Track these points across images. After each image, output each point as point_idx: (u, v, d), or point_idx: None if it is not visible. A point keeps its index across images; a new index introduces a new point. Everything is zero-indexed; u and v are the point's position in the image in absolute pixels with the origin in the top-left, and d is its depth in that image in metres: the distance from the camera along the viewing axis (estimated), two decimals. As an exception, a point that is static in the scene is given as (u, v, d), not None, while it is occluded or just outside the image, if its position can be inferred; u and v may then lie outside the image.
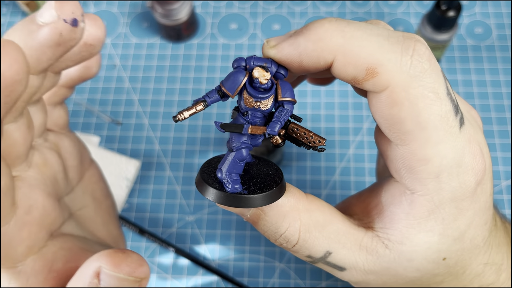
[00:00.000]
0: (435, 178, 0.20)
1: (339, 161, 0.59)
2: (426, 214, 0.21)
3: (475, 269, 0.23)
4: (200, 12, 0.70)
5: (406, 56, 0.19)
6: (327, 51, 0.19)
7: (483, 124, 0.60)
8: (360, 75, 0.19)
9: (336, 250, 0.23)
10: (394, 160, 0.21)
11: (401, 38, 0.19)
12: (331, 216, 0.23)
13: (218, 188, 0.21)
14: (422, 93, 0.19)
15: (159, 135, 0.62)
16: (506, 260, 0.25)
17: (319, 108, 0.62)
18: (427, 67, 0.19)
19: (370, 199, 0.25)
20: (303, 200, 0.23)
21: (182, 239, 0.56)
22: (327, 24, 0.20)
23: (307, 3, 0.70)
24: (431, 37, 0.57)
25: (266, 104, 0.21)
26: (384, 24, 0.22)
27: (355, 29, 0.19)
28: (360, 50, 0.19)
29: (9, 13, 0.72)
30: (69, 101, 0.65)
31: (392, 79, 0.19)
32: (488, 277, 0.24)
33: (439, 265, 0.22)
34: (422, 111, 0.19)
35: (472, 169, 0.21)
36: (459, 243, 0.22)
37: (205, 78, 0.65)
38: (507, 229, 0.27)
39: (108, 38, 0.70)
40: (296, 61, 0.20)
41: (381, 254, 0.22)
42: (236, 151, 0.21)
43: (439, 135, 0.20)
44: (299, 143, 0.22)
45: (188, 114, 0.20)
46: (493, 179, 0.56)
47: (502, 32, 0.66)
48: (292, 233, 0.22)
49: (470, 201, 0.21)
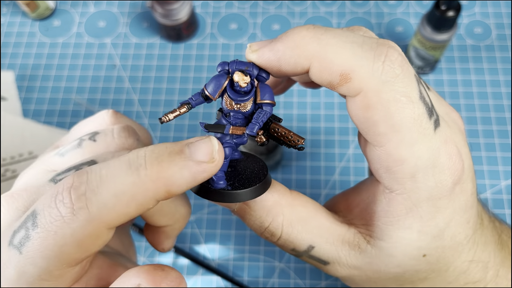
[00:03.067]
0: (411, 178, 0.21)
1: (339, 160, 0.59)
2: (404, 212, 0.22)
3: (460, 266, 0.24)
4: (200, 12, 0.70)
5: (378, 62, 0.20)
6: (304, 58, 0.20)
7: (483, 124, 0.60)
8: (335, 81, 0.20)
9: (318, 244, 0.24)
10: (373, 160, 0.22)
11: (375, 45, 0.20)
12: (314, 212, 0.24)
13: (205, 184, 0.22)
14: (394, 97, 0.20)
15: (159, 135, 0.62)
16: (493, 258, 0.25)
17: (319, 108, 0.62)
18: (398, 73, 0.20)
19: (353, 197, 0.26)
20: (287, 196, 0.24)
21: (182, 239, 0.56)
22: (305, 31, 0.21)
23: (307, 3, 0.70)
24: (430, 37, 0.57)
25: (246, 106, 0.22)
26: (365, 31, 0.23)
27: (330, 36, 0.20)
28: (334, 57, 0.20)
29: (9, 13, 0.72)
30: (69, 101, 0.65)
31: (365, 85, 0.20)
32: (475, 275, 0.25)
33: (419, 262, 0.23)
34: (395, 114, 0.20)
35: (449, 169, 0.21)
36: (439, 241, 0.23)
37: (204, 78, 0.65)
38: (495, 228, 0.27)
39: (108, 38, 0.70)
40: (276, 66, 0.21)
41: (363, 249, 0.23)
42: None
43: (412, 136, 0.20)
44: (281, 142, 0.23)
45: (172, 116, 0.22)
46: (493, 179, 0.56)
47: (502, 32, 0.66)
48: (276, 227, 0.23)
49: (448, 200, 0.22)
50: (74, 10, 0.72)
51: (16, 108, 0.65)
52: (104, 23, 0.71)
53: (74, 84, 0.66)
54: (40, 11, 0.70)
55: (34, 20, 0.72)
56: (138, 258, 0.55)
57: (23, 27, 0.71)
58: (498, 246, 0.26)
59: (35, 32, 0.71)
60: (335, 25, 0.69)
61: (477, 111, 0.61)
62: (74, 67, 0.67)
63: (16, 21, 0.72)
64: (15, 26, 0.71)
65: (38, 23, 0.71)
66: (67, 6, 0.73)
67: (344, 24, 0.68)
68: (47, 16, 0.71)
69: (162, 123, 0.22)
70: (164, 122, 0.22)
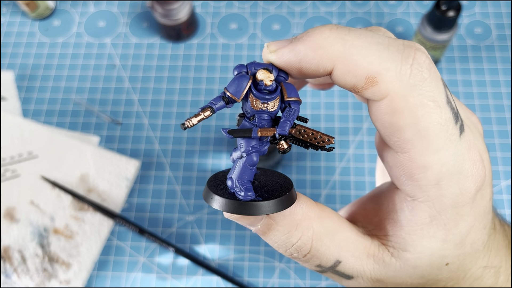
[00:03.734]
0: (435, 185, 0.20)
1: (339, 161, 0.59)
2: (428, 220, 0.21)
3: (475, 272, 0.24)
4: (200, 12, 0.70)
5: (405, 65, 0.19)
6: (327, 59, 0.20)
7: (483, 124, 0.60)
8: (360, 84, 0.20)
9: (345, 258, 0.22)
10: (394, 167, 0.21)
11: (401, 47, 0.19)
12: (339, 224, 0.23)
13: (229, 197, 0.20)
14: (421, 102, 0.19)
15: (159, 135, 0.62)
16: (505, 262, 0.25)
17: (319, 108, 0.62)
18: (426, 76, 0.19)
19: (371, 206, 0.25)
20: (314, 208, 0.22)
21: (182, 239, 0.56)
22: (328, 31, 0.20)
23: (307, 3, 0.70)
24: (431, 37, 0.57)
25: (273, 105, 0.21)
26: (385, 31, 0.22)
27: (355, 37, 0.19)
28: (359, 59, 0.19)
29: (9, 13, 0.72)
30: (68, 101, 0.65)
31: (392, 88, 0.19)
32: (487, 280, 0.24)
33: (442, 271, 0.22)
34: (422, 120, 0.19)
35: (472, 176, 0.21)
36: (461, 248, 0.22)
37: (205, 78, 0.65)
38: (505, 232, 0.27)
39: (108, 38, 0.70)
40: (296, 67, 0.20)
41: (387, 263, 0.22)
42: (247, 156, 0.21)
43: (438, 142, 0.20)
44: (307, 144, 0.22)
45: (196, 121, 0.20)
46: (493, 179, 0.56)
47: (502, 32, 0.66)
48: (305, 242, 0.22)
49: (471, 207, 0.21)
50: (74, 10, 0.72)
51: (16, 108, 0.65)
52: (104, 23, 0.71)
53: (74, 84, 0.66)
54: (40, 11, 0.70)
55: (34, 20, 0.72)
56: (138, 258, 0.55)
57: (23, 27, 0.71)
58: (508, 250, 0.26)
59: (34, 32, 0.71)
60: (335, 25, 0.69)
61: (477, 111, 0.61)
62: (73, 67, 0.67)
63: (16, 21, 0.72)
64: (15, 26, 0.71)
65: (38, 23, 0.71)
66: (67, 6, 0.73)
67: (344, 24, 0.68)
68: (47, 16, 0.71)
69: (185, 129, 0.20)
70: (187, 128, 0.20)
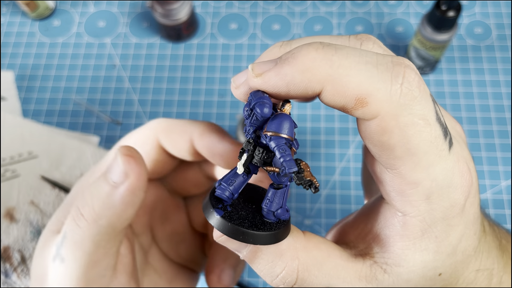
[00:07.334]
0: (425, 200, 0.20)
1: (339, 161, 0.59)
2: (419, 234, 0.21)
3: (468, 277, 0.24)
4: (200, 12, 0.70)
5: (396, 85, 0.19)
6: (315, 82, 0.19)
7: (482, 125, 0.60)
8: (349, 105, 0.19)
9: (336, 285, 0.22)
10: (384, 182, 0.21)
11: (390, 64, 0.19)
12: (328, 252, 0.23)
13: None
14: (411, 121, 0.19)
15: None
16: (497, 264, 0.25)
17: (319, 108, 0.62)
18: (416, 95, 0.19)
19: (363, 225, 0.25)
20: (301, 238, 0.22)
21: (182, 239, 0.56)
22: (314, 52, 0.19)
23: (307, 3, 0.70)
24: (431, 37, 0.57)
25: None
26: (374, 40, 0.22)
27: (343, 57, 0.19)
28: (349, 80, 0.19)
29: (9, 13, 0.72)
30: (69, 101, 0.65)
31: (382, 108, 0.19)
32: (481, 283, 0.24)
33: (435, 281, 0.23)
34: (412, 138, 0.19)
35: (461, 187, 0.21)
36: (453, 257, 0.22)
37: (205, 78, 0.65)
38: (495, 232, 0.27)
39: (108, 38, 0.70)
40: (284, 91, 0.20)
41: (380, 280, 0.22)
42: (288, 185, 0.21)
43: (429, 159, 0.20)
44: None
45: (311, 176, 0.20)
46: (493, 179, 0.56)
47: (502, 32, 0.66)
48: (290, 273, 0.22)
49: (460, 217, 0.21)
50: (74, 10, 0.72)
51: (16, 108, 0.65)
52: (104, 23, 0.71)
53: (74, 84, 0.66)
54: (40, 11, 0.70)
55: (34, 20, 0.72)
56: (138, 258, 0.55)
57: (23, 27, 0.71)
58: (500, 252, 0.26)
59: (34, 32, 0.71)
60: (335, 25, 0.69)
61: (477, 111, 0.61)
62: (73, 67, 0.67)
63: (16, 21, 0.72)
64: (15, 26, 0.71)
65: (38, 23, 0.71)
66: (67, 6, 0.73)
67: (344, 24, 0.68)
68: (47, 16, 0.71)
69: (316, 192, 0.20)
70: (317, 189, 0.20)
